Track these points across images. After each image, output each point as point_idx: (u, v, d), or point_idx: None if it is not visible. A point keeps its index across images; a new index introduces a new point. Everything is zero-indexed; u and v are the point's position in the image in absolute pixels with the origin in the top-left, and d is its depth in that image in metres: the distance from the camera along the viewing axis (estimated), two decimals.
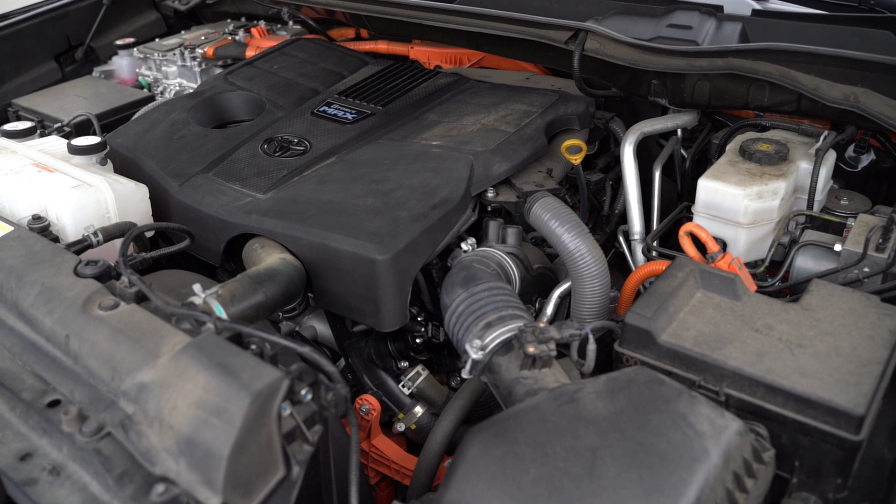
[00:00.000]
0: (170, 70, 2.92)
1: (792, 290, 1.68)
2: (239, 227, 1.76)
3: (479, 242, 1.81)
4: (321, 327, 1.94)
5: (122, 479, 1.03)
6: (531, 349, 1.29)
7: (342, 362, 1.91)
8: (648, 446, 1.05)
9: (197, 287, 1.35)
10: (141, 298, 1.31)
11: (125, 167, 2.01)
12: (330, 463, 1.18)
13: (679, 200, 2.18)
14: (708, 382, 1.28)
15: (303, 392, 1.09)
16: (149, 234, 1.88)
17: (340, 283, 1.65)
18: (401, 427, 1.84)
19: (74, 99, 2.66)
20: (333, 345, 1.90)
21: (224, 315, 1.35)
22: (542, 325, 1.33)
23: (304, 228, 1.68)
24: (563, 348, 1.47)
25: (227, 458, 0.97)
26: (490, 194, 1.84)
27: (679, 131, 2.21)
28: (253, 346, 1.18)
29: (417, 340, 1.80)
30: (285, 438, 1.06)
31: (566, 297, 1.81)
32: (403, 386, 1.84)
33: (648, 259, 1.89)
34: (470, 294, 1.53)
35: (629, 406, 1.12)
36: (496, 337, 1.41)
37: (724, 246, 1.76)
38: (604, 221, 2.28)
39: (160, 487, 1.00)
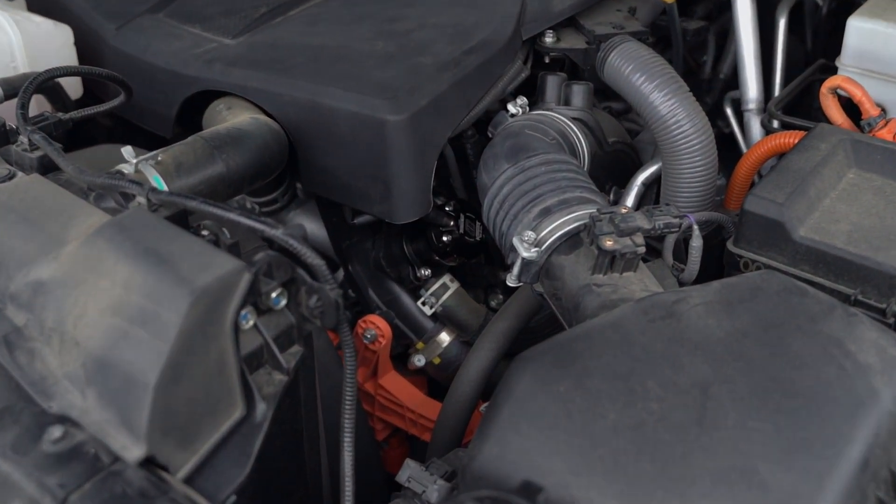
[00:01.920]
0: None
1: None
2: (198, 82, 1.72)
3: (533, 105, 1.74)
4: (312, 226, 1.91)
5: (2, 420, 0.97)
6: (609, 243, 1.22)
7: (340, 274, 1.89)
8: (787, 383, 0.97)
9: (127, 150, 1.29)
10: (47, 167, 1.26)
11: (44, 6, 1.97)
12: (316, 403, 1.14)
13: (808, 64, 2.12)
14: (869, 297, 1.24)
15: (273, 295, 1.00)
16: (75, 95, 1.83)
17: (337, 156, 1.61)
18: (420, 361, 1.82)
19: None
20: (329, 249, 1.88)
21: (165, 188, 1.31)
22: (623, 209, 1.26)
23: (288, 81, 1.64)
24: (652, 249, 1.43)
25: (154, 386, 0.89)
26: (549, 39, 1.78)
27: None
28: (205, 232, 1.12)
29: (444, 239, 1.77)
30: (246, 362, 0.98)
31: (653, 184, 1.77)
32: (424, 303, 1.81)
33: (769, 132, 1.82)
34: (520, 169, 1.46)
35: (756, 325, 1.05)
36: (557, 227, 1.33)
37: (883, 112, 1.66)
38: (704, 88, 2.23)
39: (56, 432, 0.93)
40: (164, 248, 0.98)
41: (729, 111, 2.09)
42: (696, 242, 1.31)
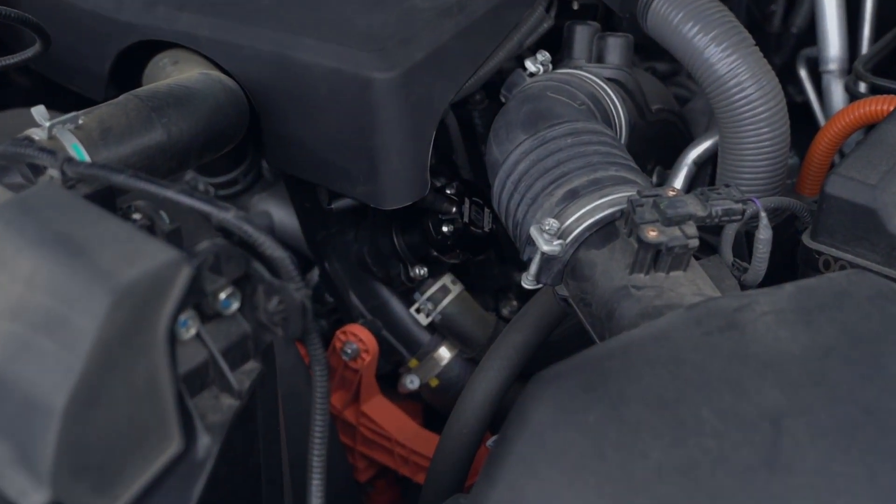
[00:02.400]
0: None
1: None
2: (136, 31, 1.73)
3: (558, 62, 1.73)
4: (281, 213, 1.97)
5: None
6: (652, 234, 1.19)
7: (315, 273, 1.95)
8: (882, 415, 0.96)
9: (39, 111, 1.28)
10: None
11: None
12: (278, 435, 1.16)
13: None
14: None
15: (223, 295, 1.00)
16: None
17: (311, 124, 1.62)
18: (413, 383, 1.85)
19: None
20: (301, 242, 1.91)
21: (87, 159, 1.30)
22: (671, 192, 1.25)
23: (249, 30, 1.64)
24: (705, 243, 1.43)
25: (62, 413, 0.87)
26: None
27: None
28: (137, 216, 1.12)
29: (444, 229, 1.77)
30: (186, 382, 0.98)
31: (707, 163, 1.78)
32: (419, 310, 1.83)
33: (856, 98, 1.79)
34: (540, 141, 1.44)
35: (842, 340, 1.04)
36: (587, 214, 1.31)
37: None
38: (773, 45, 2.24)
39: None
40: (79, 233, 0.96)
41: (803, 73, 2.09)
42: (764, 235, 1.30)
